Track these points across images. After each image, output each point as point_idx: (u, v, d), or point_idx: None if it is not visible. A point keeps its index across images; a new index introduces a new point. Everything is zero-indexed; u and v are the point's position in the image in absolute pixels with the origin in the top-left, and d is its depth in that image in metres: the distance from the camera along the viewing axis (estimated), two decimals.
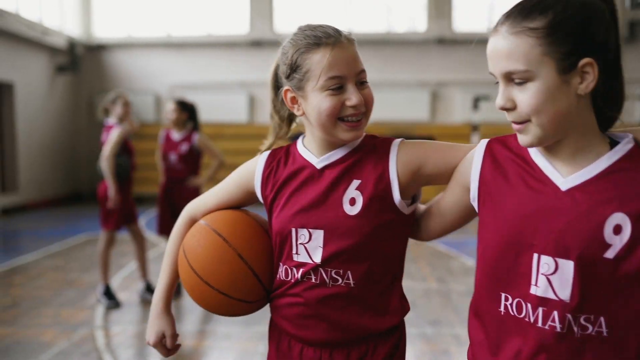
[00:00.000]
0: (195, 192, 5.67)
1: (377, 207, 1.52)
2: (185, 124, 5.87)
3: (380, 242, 1.54)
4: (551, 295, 1.25)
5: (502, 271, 1.32)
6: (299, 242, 1.55)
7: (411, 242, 1.70)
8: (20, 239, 9.42)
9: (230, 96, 15.08)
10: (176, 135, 5.87)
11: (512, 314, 1.31)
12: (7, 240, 9.51)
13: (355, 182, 1.54)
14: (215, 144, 14.49)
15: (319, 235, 1.53)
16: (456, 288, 6.11)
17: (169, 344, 1.69)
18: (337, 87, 1.49)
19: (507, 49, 1.24)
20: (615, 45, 1.26)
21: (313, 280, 1.55)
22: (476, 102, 13.21)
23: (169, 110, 5.86)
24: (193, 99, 15.97)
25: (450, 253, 7.89)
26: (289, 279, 1.58)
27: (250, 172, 1.67)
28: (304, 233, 1.54)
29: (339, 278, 1.53)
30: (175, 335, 1.70)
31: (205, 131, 15.01)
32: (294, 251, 1.56)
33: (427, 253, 7.83)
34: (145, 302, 5.55)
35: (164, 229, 5.77)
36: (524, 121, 1.26)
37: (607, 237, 1.22)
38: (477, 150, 1.43)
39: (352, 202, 1.53)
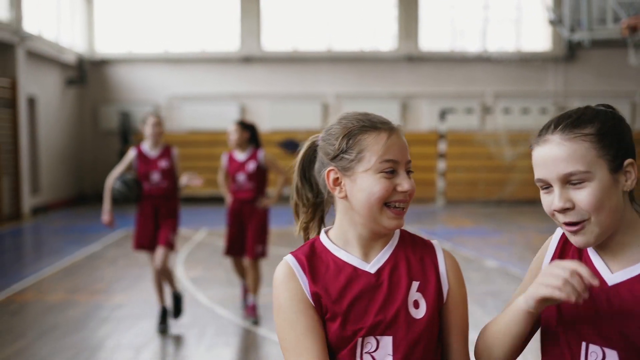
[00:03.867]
0: (265, 213, 5.80)
1: (436, 310, 1.50)
2: (248, 143, 5.82)
3: (435, 341, 1.51)
4: None
5: (555, 355, 1.43)
6: (364, 351, 1.46)
7: None
8: (70, 234, 11.04)
9: (223, 107, 16.84)
10: (240, 155, 5.80)
11: None
12: (59, 235, 11.14)
13: (415, 284, 1.50)
14: (211, 149, 16.38)
15: (387, 342, 1.46)
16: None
17: None
18: (390, 170, 1.48)
19: (565, 154, 1.35)
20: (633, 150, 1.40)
21: None
22: (443, 114, 15.38)
23: (231, 131, 5.83)
24: (189, 109, 17.92)
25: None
26: None
27: (300, 289, 1.49)
28: (370, 341, 1.46)
29: None
30: None
31: (201, 138, 16.90)
32: None
33: None
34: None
35: (232, 250, 5.85)
36: (582, 221, 1.34)
37: None
38: (553, 238, 1.52)
39: (416, 304, 1.49)
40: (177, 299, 5.64)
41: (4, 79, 12.46)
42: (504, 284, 7.14)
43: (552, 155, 1.36)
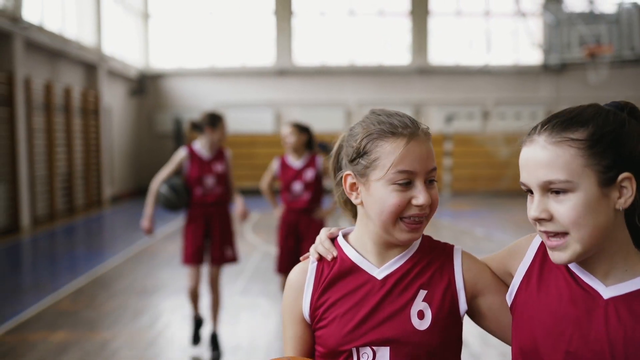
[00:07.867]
0: (321, 225, 5.18)
1: (445, 321, 1.39)
2: (304, 148, 5.27)
3: (444, 352, 1.40)
4: None
5: None
6: None
7: None
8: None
9: (260, 113, 19.67)
10: (296, 162, 5.24)
11: None
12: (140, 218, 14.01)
13: (422, 293, 1.39)
14: (250, 149, 19.20)
15: (384, 353, 1.37)
16: None
17: None
18: (405, 182, 1.34)
19: (547, 158, 1.19)
20: None
21: None
22: (449, 119, 18.11)
23: (286, 134, 5.24)
24: (232, 115, 20.96)
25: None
26: None
27: (299, 302, 1.44)
28: (366, 351, 1.38)
29: None
30: None
31: (242, 140, 19.77)
32: None
33: None
34: None
35: (285, 267, 5.23)
36: (561, 234, 1.20)
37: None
38: (533, 244, 1.37)
39: (421, 315, 1.38)
40: (198, 324, 5.12)
41: (92, 91, 15.39)
42: (489, 244, 9.87)
43: (534, 159, 1.22)
